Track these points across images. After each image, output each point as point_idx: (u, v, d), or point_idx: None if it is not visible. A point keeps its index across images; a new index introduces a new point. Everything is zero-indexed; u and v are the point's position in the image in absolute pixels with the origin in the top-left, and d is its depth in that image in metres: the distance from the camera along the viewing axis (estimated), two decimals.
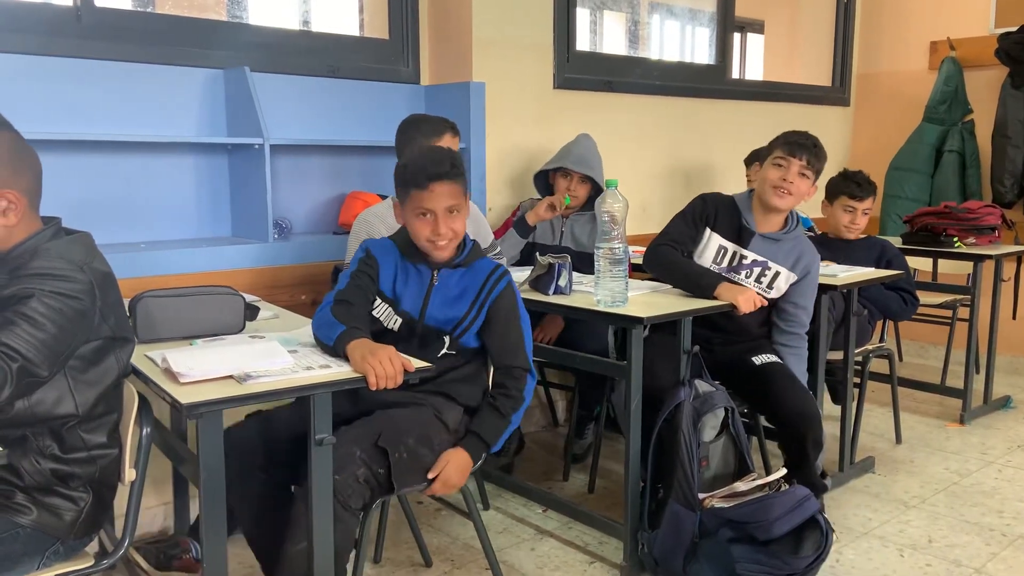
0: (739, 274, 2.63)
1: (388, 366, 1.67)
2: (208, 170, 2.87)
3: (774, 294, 2.63)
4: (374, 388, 1.66)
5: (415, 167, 2.00)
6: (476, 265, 2.09)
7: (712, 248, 2.65)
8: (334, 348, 1.78)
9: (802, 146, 2.54)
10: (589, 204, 3.17)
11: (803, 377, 2.67)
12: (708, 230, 2.66)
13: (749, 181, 3.72)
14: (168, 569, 2.29)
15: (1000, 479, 3.10)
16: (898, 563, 2.48)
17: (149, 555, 2.29)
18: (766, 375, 2.58)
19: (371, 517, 1.95)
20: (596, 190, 3.16)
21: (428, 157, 2.03)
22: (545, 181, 3.27)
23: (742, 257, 2.63)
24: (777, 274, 2.61)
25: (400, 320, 2.07)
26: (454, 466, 1.98)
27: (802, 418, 2.50)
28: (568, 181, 3.15)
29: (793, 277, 2.62)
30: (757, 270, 2.61)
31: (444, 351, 2.08)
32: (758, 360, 2.62)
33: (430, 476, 1.96)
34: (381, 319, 2.08)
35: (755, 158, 3.68)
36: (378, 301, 2.08)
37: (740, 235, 2.64)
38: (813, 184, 2.59)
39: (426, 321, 2.06)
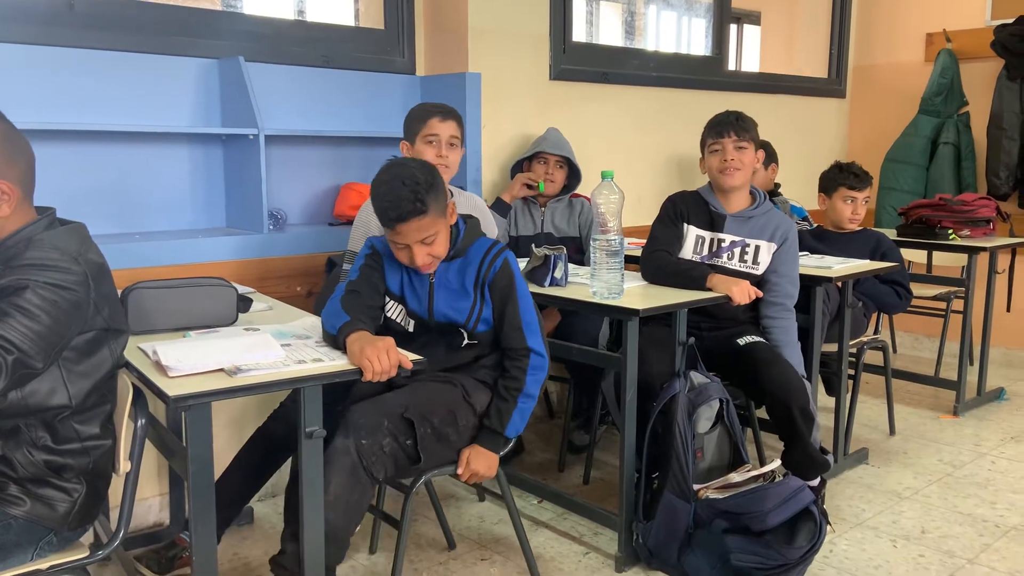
0: (721, 257, 2.68)
1: (385, 359, 1.68)
2: (203, 161, 2.86)
3: (761, 269, 2.67)
4: (368, 380, 1.67)
5: (378, 209, 1.93)
6: (471, 250, 2.08)
7: (690, 240, 2.72)
8: (336, 339, 1.79)
9: (725, 124, 2.67)
10: (565, 189, 3.30)
11: (796, 348, 2.68)
12: (685, 224, 2.73)
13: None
14: (171, 570, 2.31)
15: (993, 470, 3.11)
16: (891, 554, 2.49)
17: (152, 562, 2.31)
18: (749, 354, 2.60)
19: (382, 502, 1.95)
20: (572, 176, 3.28)
21: (388, 198, 1.91)
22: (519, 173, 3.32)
23: (720, 241, 2.69)
24: (758, 248, 2.67)
25: (413, 321, 2.09)
26: (478, 461, 2.03)
27: (784, 387, 2.50)
28: (545, 167, 3.23)
29: (773, 247, 2.67)
30: (738, 250, 2.68)
31: (467, 342, 2.09)
32: (742, 341, 2.64)
33: (460, 468, 2.02)
34: (397, 320, 2.09)
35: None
36: (389, 301, 2.09)
37: (713, 221, 2.72)
38: (756, 151, 2.69)
39: (436, 318, 2.07)
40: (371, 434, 1.86)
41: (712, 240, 2.70)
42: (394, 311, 2.09)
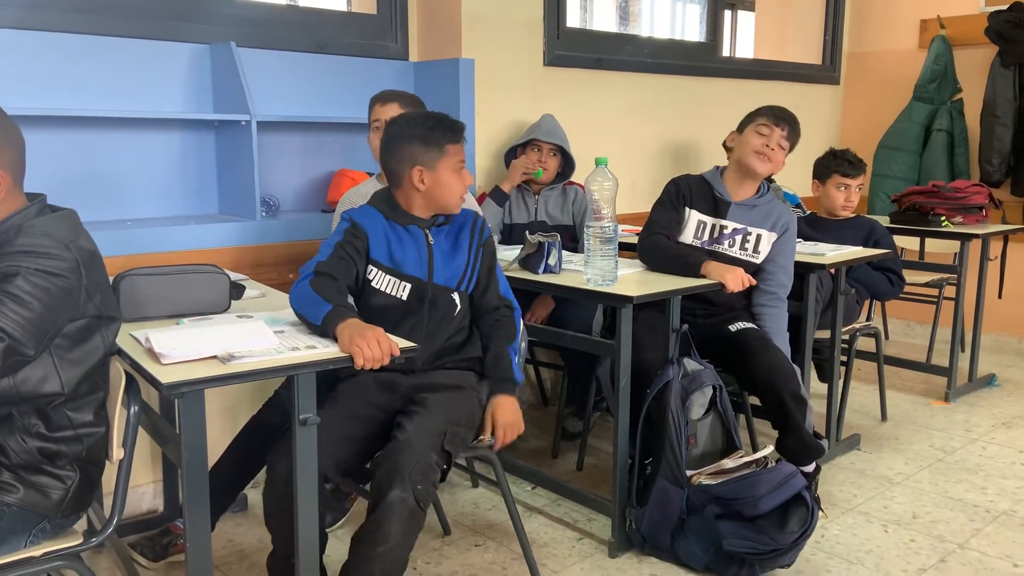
0: (722, 244, 2.67)
1: (376, 347, 1.66)
2: (194, 147, 2.84)
3: (761, 258, 2.68)
4: (359, 368, 1.66)
5: (445, 122, 2.02)
6: (455, 217, 2.12)
7: (691, 224, 2.71)
8: (322, 328, 1.75)
9: (784, 118, 2.68)
10: (559, 177, 3.28)
11: (784, 338, 2.69)
12: (687, 209, 2.72)
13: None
14: (165, 557, 2.32)
15: (984, 456, 3.13)
16: (883, 539, 2.50)
17: (146, 550, 2.31)
18: (740, 340, 2.61)
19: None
20: (565, 164, 3.26)
21: (437, 118, 2.03)
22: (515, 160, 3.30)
23: (722, 227, 2.69)
24: (759, 237, 2.68)
25: (409, 286, 2.03)
26: (505, 413, 2.07)
27: (773, 373, 2.51)
28: (539, 154, 3.21)
29: (774, 236, 2.68)
30: (739, 237, 2.68)
31: (459, 308, 2.09)
32: (733, 328, 2.65)
33: (485, 433, 2.06)
34: (385, 290, 2.03)
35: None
36: (375, 271, 2.02)
37: (717, 207, 2.71)
38: (784, 159, 2.70)
39: (435, 281, 2.05)
40: (425, 477, 1.83)
41: (714, 226, 2.69)
42: (381, 281, 2.03)
